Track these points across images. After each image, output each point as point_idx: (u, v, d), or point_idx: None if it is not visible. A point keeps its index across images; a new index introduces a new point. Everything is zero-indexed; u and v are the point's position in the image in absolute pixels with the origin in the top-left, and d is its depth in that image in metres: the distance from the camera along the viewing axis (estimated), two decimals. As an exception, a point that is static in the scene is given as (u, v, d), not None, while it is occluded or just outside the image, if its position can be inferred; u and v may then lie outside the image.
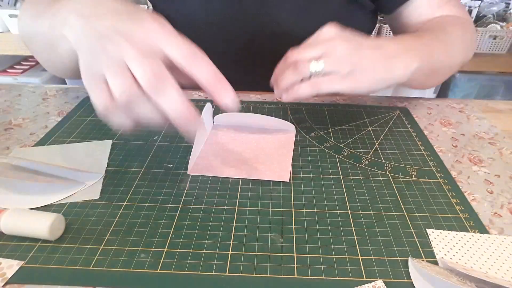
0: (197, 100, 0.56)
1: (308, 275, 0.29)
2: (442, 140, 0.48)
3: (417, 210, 0.36)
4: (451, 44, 0.49)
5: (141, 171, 0.40)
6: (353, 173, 0.41)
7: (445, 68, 0.51)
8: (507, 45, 1.40)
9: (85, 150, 0.44)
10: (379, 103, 0.57)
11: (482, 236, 0.33)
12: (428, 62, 0.44)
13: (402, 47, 0.42)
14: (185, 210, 0.35)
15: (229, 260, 0.30)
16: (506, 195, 0.38)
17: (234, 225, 0.34)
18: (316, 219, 0.34)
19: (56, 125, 0.49)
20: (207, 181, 0.39)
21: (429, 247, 0.32)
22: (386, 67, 0.40)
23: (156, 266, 0.30)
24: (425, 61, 0.43)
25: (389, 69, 0.40)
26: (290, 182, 0.39)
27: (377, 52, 0.40)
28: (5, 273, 0.29)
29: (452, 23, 0.52)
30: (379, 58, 0.40)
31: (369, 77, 0.39)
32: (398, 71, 0.40)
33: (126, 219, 0.34)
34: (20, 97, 0.57)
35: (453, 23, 0.52)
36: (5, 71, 1.63)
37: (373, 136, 0.48)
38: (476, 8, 1.42)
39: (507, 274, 0.30)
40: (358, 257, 0.31)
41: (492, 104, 0.58)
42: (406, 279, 0.29)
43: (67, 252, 0.31)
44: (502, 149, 0.46)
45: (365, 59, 0.39)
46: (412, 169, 0.42)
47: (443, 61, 0.47)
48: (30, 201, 0.36)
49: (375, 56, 0.40)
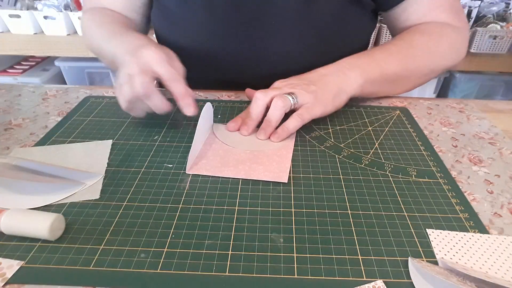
0: (197, 100, 0.56)
1: (308, 275, 0.29)
2: (442, 140, 0.48)
3: (417, 210, 0.36)
4: (412, 56, 0.54)
5: (141, 171, 0.40)
6: (353, 173, 0.41)
7: (408, 78, 0.55)
8: (507, 45, 1.40)
9: (85, 150, 0.44)
10: (379, 103, 0.57)
11: (482, 236, 0.33)
12: (377, 75, 0.51)
13: (346, 67, 0.50)
14: (185, 210, 0.35)
15: (229, 260, 0.30)
16: (506, 195, 0.38)
17: (234, 225, 0.34)
18: (316, 219, 0.34)
19: (56, 125, 0.49)
20: (207, 181, 0.39)
21: (429, 247, 0.32)
22: (338, 86, 0.49)
23: (156, 266, 0.30)
24: (373, 74, 0.51)
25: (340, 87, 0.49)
26: (290, 182, 0.39)
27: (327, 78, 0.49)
28: (5, 273, 0.29)
29: (429, 33, 0.55)
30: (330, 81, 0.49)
31: (328, 95, 0.48)
32: (346, 85, 0.49)
33: (126, 219, 0.34)
34: (20, 97, 0.57)
35: (429, 33, 0.55)
36: (5, 71, 1.63)
37: (373, 136, 0.48)
38: (476, 8, 1.41)
39: (507, 274, 0.30)
40: (358, 257, 0.31)
41: (492, 104, 0.58)
42: (406, 279, 0.29)
43: (67, 252, 0.31)
44: (502, 149, 0.46)
45: (320, 87, 0.48)
46: (412, 169, 0.42)
47: (396, 72, 0.53)
48: (30, 201, 0.36)
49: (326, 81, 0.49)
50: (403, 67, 0.53)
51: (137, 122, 0.50)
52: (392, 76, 0.53)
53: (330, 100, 0.48)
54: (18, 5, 1.53)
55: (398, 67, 0.53)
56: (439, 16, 0.56)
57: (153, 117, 0.48)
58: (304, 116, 0.46)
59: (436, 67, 0.57)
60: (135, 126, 0.49)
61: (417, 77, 0.57)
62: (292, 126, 0.45)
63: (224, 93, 0.59)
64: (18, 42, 1.48)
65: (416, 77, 0.56)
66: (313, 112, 0.46)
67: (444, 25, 0.56)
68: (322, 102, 0.47)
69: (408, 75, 0.55)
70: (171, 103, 0.45)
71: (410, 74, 0.55)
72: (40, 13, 1.43)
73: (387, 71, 0.52)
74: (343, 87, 0.49)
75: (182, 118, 0.48)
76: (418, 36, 0.55)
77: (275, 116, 0.45)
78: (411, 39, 0.55)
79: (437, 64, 0.57)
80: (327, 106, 0.48)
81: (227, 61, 0.58)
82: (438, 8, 0.56)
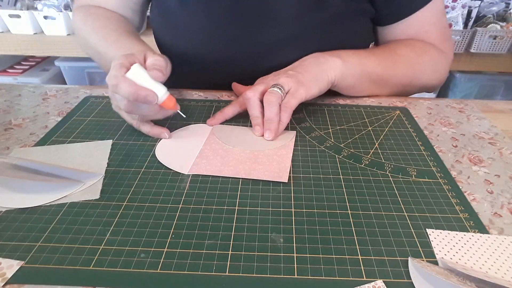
0: (196, 100, 0.56)
1: (308, 275, 0.29)
2: (442, 140, 0.48)
3: (417, 210, 0.36)
4: (392, 61, 0.56)
5: (141, 171, 0.40)
6: (353, 173, 0.41)
7: (386, 81, 0.57)
8: (507, 45, 1.40)
9: (85, 150, 0.44)
10: (379, 103, 0.57)
11: (482, 236, 0.33)
12: (357, 67, 0.53)
13: (327, 54, 0.52)
14: (185, 210, 0.35)
15: (229, 260, 0.30)
16: (506, 195, 0.38)
17: (234, 225, 0.34)
18: (316, 219, 0.34)
19: (56, 125, 0.49)
20: (207, 181, 0.39)
21: (429, 247, 0.32)
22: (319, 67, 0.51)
23: (156, 266, 0.30)
24: (353, 65, 0.53)
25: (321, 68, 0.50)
26: (290, 182, 0.39)
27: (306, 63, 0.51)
28: (5, 273, 0.29)
29: (413, 47, 0.58)
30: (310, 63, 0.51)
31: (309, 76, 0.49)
32: (327, 67, 0.51)
33: (126, 219, 0.34)
34: (20, 97, 0.57)
35: (413, 47, 0.58)
36: (5, 71, 1.63)
37: (373, 136, 0.48)
38: (476, 8, 1.42)
39: (507, 274, 0.30)
40: (358, 257, 0.31)
41: (492, 104, 0.58)
42: (406, 279, 0.29)
43: (67, 252, 0.31)
44: (502, 149, 0.46)
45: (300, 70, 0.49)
46: (412, 169, 0.42)
47: (378, 72, 0.55)
48: (30, 200, 0.36)
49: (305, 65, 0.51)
50: (383, 68, 0.55)
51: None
52: (372, 74, 0.55)
53: (312, 82, 0.49)
54: (18, 5, 1.53)
55: (378, 67, 0.55)
56: (429, 37, 0.59)
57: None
58: (291, 102, 0.46)
59: (414, 80, 0.59)
60: (135, 126, 0.49)
61: (394, 84, 0.58)
62: (285, 118, 0.46)
63: (224, 93, 0.59)
64: (18, 42, 1.48)
65: (393, 83, 0.58)
66: (298, 95, 0.47)
67: (430, 45, 0.59)
68: (304, 84, 0.48)
69: (386, 78, 0.57)
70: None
71: (388, 77, 0.57)
72: (40, 13, 1.43)
73: (367, 68, 0.54)
74: (324, 68, 0.50)
75: (182, 118, 0.47)
76: (401, 46, 0.58)
77: (273, 112, 0.46)
78: (394, 47, 0.58)
79: (415, 76, 0.59)
80: (311, 87, 0.49)
81: (227, 65, 0.58)
82: (430, 28, 0.59)
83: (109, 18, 0.59)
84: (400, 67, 0.57)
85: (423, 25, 0.58)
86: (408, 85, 0.59)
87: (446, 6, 1.40)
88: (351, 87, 0.55)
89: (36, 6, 1.49)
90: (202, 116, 0.51)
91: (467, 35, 1.39)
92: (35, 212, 0.35)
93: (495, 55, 1.43)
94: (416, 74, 0.59)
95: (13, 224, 0.33)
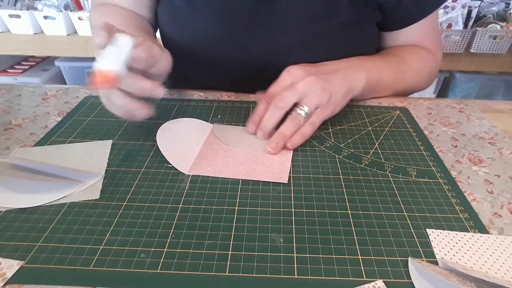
0: (196, 100, 0.56)
1: (308, 275, 0.29)
2: (442, 140, 0.48)
3: (417, 210, 0.36)
4: (402, 71, 0.58)
5: (141, 171, 0.40)
6: (353, 173, 0.41)
7: (389, 88, 0.58)
8: (507, 45, 1.40)
9: (85, 150, 0.44)
10: (379, 103, 0.57)
11: (482, 236, 0.33)
12: (375, 80, 0.53)
13: (354, 66, 0.52)
14: (185, 210, 0.35)
15: (229, 260, 0.30)
16: (506, 195, 0.38)
17: (234, 225, 0.34)
18: (316, 219, 0.34)
19: (56, 125, 0.49)
20: (207, 181, 0.39)
21: (429, 247, 0.32)
22: (349, 85, 0.49)
23: (156, 266, 0.30)
24: (373, 79, 0.53)
25: (350, 86, 0.49)
26: (290, 182, 0.39)
27: (339, 74, 0.49)
28: (5, 273, 0.29)
29: (417, 55, 0.60)
30: (342, 78, 0.49)
31: (339, 96, 0.48)
32: (355, 84, 0.50)
33: (126, 219, 0.34)
34: (20, 97, 0.57)
35: (418, 56, 0.60)
36: (5, 71, 1.63)
37: (373, 136, 0.48)
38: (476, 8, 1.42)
39: (507, 274, 0.30)
40: (358, 257, 0.31)
41: (492, 104, 0.58)
42: (406, 279, 0.29)
43: (67, 252, 0.31)
44: (502, 149, 0.46)
45: (334, 85, 0.47)
46: (412, 169, 0.42)
47: (388, 82, 0.56)
48: (30, 200, 0.36)
49: (339, 78, 0.48)
50: (394, 78, 0.57)
51: (137, 122, 0.50)
52: (384, 85, 0.56)
53: (340, 101, 0.48)
54: (18, 5, 1.53)
55: (390, 77, 0.56)
56: (429, 44, 0.62)
57: (153, 117, 0.48)
58: (315, 122, 0.46)
59: (415, 86, 0.62)
60: (135, 126, 0.49)
61: (396, 90, 0.59)
62: (307, 133, 0.45)
63: (224, 93, 0.59)
64: (18, 42, 1.48)
65: (396, 90, 0.59)
66: (323, 116, 0.47)
67: (429, 53, 0.62)
68: (332, 104, 0.47)
69: (394, 87, 0.58)
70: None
71: (396, 86, 0.58)
72: (40, 13, 1.43)
73: (382, 79, 0.55)
74: (352, 86, 0.50)
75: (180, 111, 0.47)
76: (409, 55, 0.60)
77: (289, 130, 0.44)
78: (404, 56, 0.59)
79: (416, 83, 0.62)
80: (337, 107, 0.48)
81: (233, 66, 0.58)
82: (430, 35, 0.62)
83: (121, 15, 0.59)
84: (407, 76, 0.59)
85: (425, 31, 0.60)
86: (407, 90, 0.61)
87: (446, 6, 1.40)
88: (360, 95, 0.55)
89: (36, 6, 1.49)
90: (202, 116, 0.51)
91: (467, 35, 1.39)
92: (35, 212, 0.35)
93: (495, 55, 1.43)
94: (418, 81, 0.61)
95: (13, 224, 0.33)
